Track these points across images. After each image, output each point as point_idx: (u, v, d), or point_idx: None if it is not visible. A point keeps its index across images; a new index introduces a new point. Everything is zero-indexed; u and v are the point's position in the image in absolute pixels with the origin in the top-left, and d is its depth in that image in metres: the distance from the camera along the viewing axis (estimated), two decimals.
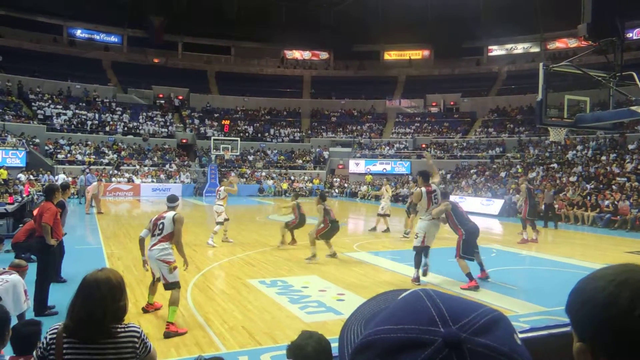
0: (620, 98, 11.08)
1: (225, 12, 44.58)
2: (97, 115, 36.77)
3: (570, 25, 10.01)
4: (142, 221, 6.64)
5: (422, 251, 8.53)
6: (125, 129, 36.81)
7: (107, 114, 37.45)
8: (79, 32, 44.82)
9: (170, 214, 6.36)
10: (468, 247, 8.52)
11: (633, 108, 8.31)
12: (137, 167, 32.87)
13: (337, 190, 35.14)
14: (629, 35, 36.79)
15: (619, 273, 0.75)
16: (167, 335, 5.74)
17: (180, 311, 6.57)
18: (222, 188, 13.27)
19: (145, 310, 6.62)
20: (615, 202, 18.96)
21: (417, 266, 8.60)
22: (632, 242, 14.74)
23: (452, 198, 26.42)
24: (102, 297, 2.33)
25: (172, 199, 6.81)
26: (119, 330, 2.37)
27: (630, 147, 26.00)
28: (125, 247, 11.63)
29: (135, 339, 2.39)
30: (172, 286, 6.06)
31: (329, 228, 10.20)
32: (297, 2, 43.49)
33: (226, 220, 12.81)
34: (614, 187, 21.20)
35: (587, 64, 13.54)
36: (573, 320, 0.77)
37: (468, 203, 25.53)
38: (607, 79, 8.63)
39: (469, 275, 8.34)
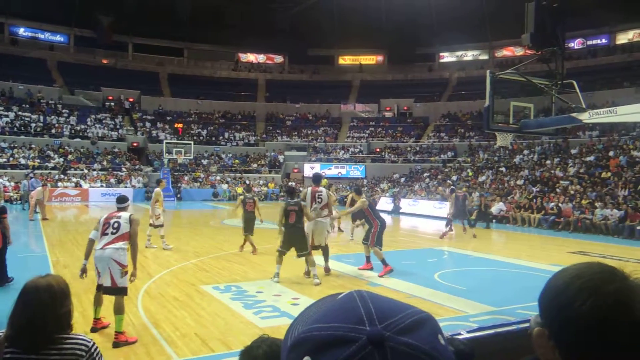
0: (563, 105, 11.61)
1: (178, 13, 43.83)
2: (41, 118, 35.31)
3: (516, 35, 10.45)
4: (90, 227, 6.41)
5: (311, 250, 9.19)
6: (72, 131, 35.49)
7: (52, 116, 36.00)
8: (21, 31, 42.96)
9: (126, 214, 6.11)
10: (379, 238, 9.54)
11: (574, 115, 8.71)
12: (85, 171, 31.74)
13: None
14: (571, 45, 38.72)
15: (580, 268, 0.83)
16: (117, 345, 5.55)
17: (129, 319, 6.39)
18: (159, 189, 12.80)
19: (94, 329, 5.99)
20: (559, 205, 19.82)
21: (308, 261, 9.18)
22: (574, 243, 15.43)
23: (406, 201, 26.98)
24: (42, 304, 2.22)
25: (122, 200, 6.49)
26: (63, 339, 2.26)
27: (573, 151, 27.28)
28: (72, 255, 11.18)
29: (82, 352, 2.28)
30: (119, 292, 5.80)
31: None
32: (252, 5, 43.27)
33: (160, 226, 12.35)
34: (557, 190, 22.16)
35: (532, 71, 14.14)
36: (539, 307, 0.86)
37: (421, 206, 26.10)
38: (549, 87, 9.01)
39: (383, 261, 9.29)
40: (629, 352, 0.76)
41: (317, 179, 9.95)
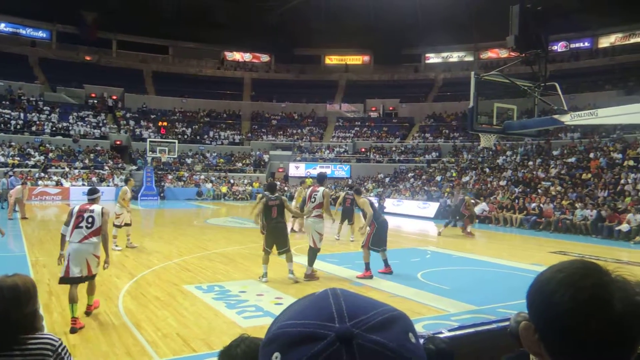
0: (545, 107, 11.75)
1: (163, 10, 43.43)
2: (22, 115, 34.70)
3: (500, 37, 10.58)
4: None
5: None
6: (54, 129, 34.96)
7: (33, 114, 35.41)
8: (2, 26, 42.17)
9: (98, 207, 6.49)
10: (377, 240, 9.32)
11: (556, 116, 8.83)
12: (67, 169, 31.29)
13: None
14: (554, 47, 39.26)
15: (563, 264, 0.85)
16: (88, 313, 6.42)
17: (110, 320, 6.38)
18: (126, 187, 12.25)
19: (73, 330, 5.92)
20: (541, 205, 20.07)
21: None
22: (555, 243, 15.64)
23: (390, 201, 27.08)
24: (6, 303, 2.16)
25: (93, 192, 6.84)
26: (28, 339, 2.20)
27: (555, 153, 27.65)
28: (52, 254, 10.96)
29: (49, 352, 2.21)
30: (94, 277, 6.45)
31: None
32: (238, 3, 43.05)
33: (127, 225, 11.88)
34: (539, 190, 22.43)
35: (516, 73, 14.25)
36: (526, 302, 0.88)
37: (405, 206, 26.23)
38: (532, 89, 9.12)
39: (367, 265, 9.15)
40: (606, 345, 0.78)
41: (320, 178, 9.75)
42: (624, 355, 0.78)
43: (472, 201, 18.59)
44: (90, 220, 6.30)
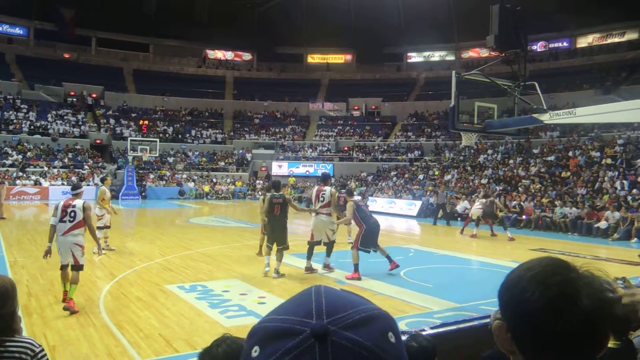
0: (525, 106, 11.91)
1: (144, 7, 42.87)
2: None
3: (481, 36, 10.71)
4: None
5: (313, 245, 9.70)
6: (32, 127, 34.34)
7: (10, 112, 34.72)
8: None
9: (80, 201, 6.90)
10: (366, 241, 9.34)
11: (535, 115, 8.96)
12: (46, 168, 30.75)
13: (260, 193, 34.83)
14: (533, 47, 39.76)
15: (532, 262, 0.87)
16: (67, 308, 6.47)
17: (91, 321, 6.30)
18: (103, 187, 11.59)
19: (66, 308, 6.55)
20: (521, 203, 20.33)
21: (308, 257, 9.66)
22: (535, 240, 15.87)
23: (373, 199, 27.17)
24: None
25: (76, 187, 7.34)
26: (6, 341, 2.14)
27: (535, 151, 28.03)
28: (31, 255, 10.82)
29: (27, 357, 2.16)
30: (80, 268, 6.84)
31: None
32: (220, 1, 42.73)
33: (107, 227, 11.37)
34: (520, 188, 22.72)
35: (496, 73, 14.44)
36: (498, 300, 0.89)
37: (388, 205, 26.33)
38: (512, 88, 9.24)
39: (356, 266, 9.19)
40: (576, 340, 0.80)
41: (324, 178, 10.23)
42: (594, 350, 0.80)
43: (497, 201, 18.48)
44: (72, 214, 6.75)
